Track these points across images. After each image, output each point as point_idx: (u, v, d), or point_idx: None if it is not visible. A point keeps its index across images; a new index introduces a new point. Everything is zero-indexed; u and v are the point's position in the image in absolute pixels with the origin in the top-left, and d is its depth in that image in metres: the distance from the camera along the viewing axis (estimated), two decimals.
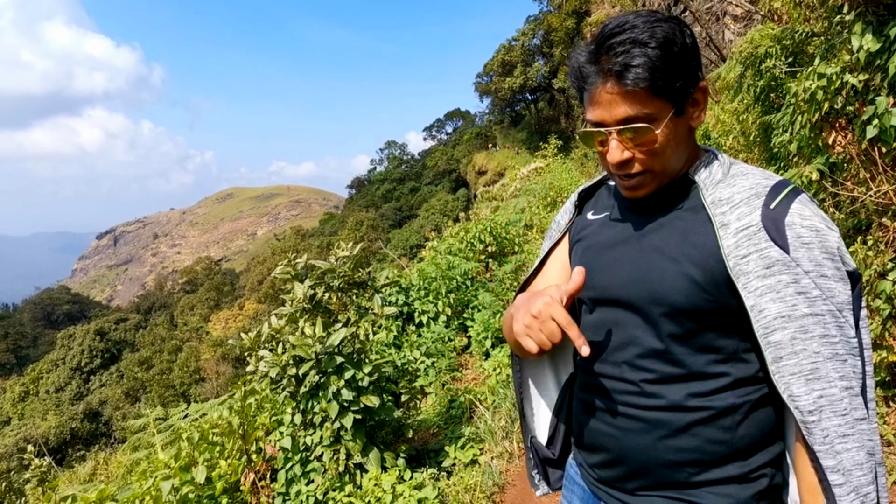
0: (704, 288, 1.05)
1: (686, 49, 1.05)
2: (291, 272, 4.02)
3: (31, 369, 47.82)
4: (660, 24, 1.04)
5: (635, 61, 1.01)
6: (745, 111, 5.35)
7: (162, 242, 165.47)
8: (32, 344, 65.67)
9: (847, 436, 0.95)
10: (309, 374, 3.42)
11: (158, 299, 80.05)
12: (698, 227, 1.09)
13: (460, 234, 9.00)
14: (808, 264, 0.98)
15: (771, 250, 0.99)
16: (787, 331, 0.97)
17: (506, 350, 5.44)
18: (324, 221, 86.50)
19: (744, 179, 1.08)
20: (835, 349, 0.96)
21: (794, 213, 1.01)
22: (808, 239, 0.99)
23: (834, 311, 0.97)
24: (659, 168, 1.10)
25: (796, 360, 0.97)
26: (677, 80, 1.04)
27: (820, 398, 0.95)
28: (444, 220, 35.96)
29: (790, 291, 0.97)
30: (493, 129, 56.81)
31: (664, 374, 1.11)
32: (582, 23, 31.11)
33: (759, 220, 1.01)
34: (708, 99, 1.13)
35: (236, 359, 34.86)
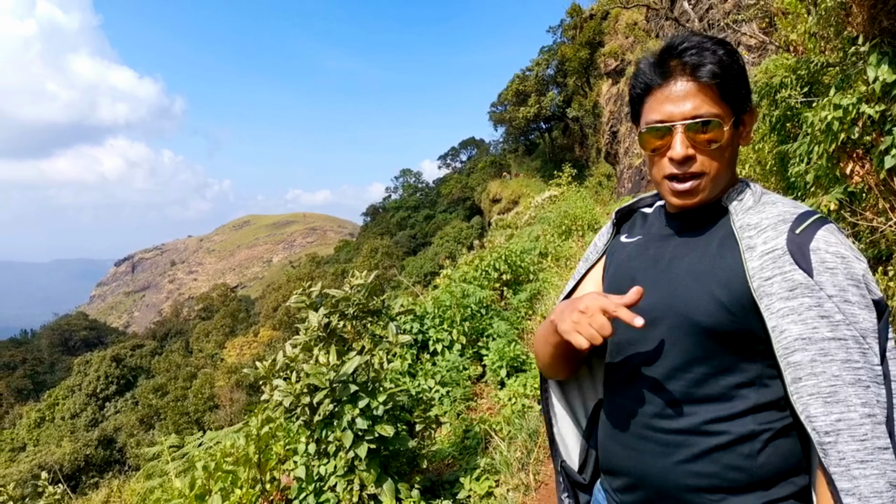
0: (729, 309, 1.07)
1: (743, 67, 1.12)
2: (306, 301, 4.04)
3: (47, 395, 48.06)
4: (720, 43, 1.12)
5: (708, 59, 1.09)
6: (761, 140, 5.34)
7: (179, 269, 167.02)
8: (50, 370, 66.09)
9: (866, 462, 0.93)
10: (323, 402, 3.41)
11: (174, 326, 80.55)
12: (726, 251, 1.11)
13: (475, 262, 9.00)
14: (831, 289, 0.99)
15: (795, 273, 1.01)
16: (807, 352, 0.98)
17: (521, 380, 5.39)
18: (339, 249, 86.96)
19: (773, 207, 1.11)
20: (857, 375, 0.96)
21: (820, 239, 1.03)
22: (833, 264, 1.00)
23: (857, 337, 0.97)
24: (715, 173, 1.13)
25: (815, 382, 0.97)
26: (741, 89, 1.12)
27: (838, 421, 0.95)
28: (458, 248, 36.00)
29: (812, 314, 0.98)
30: (507, 158, 57.18)
31: (685, 395, 1.12)
32: (595, 53, 31.41)
33: (784, 245, 1.04)
34: (753, 124, 1.18)
35: (250, 386, 34.81)
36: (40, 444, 40.34)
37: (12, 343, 75.85)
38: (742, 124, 1.15)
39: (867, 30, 3.13)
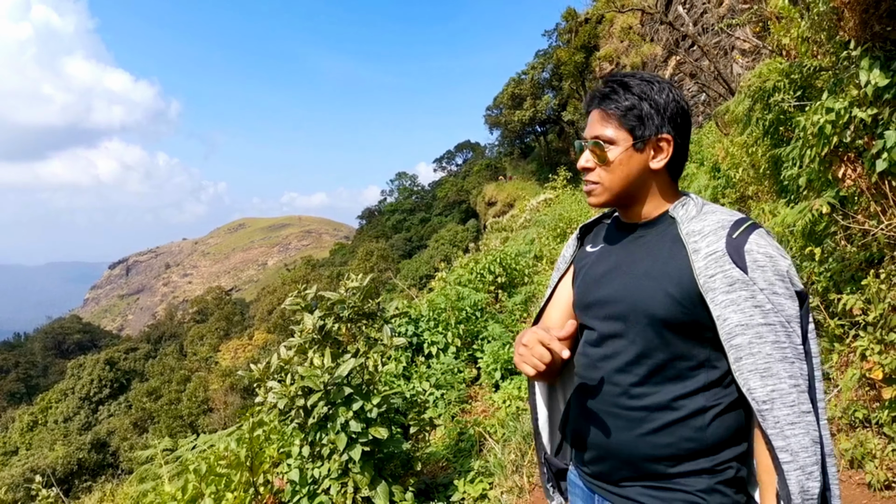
0: (681, 303, 1.27)
1: (660, 105, 1.33)
2: (301, 303, 4.03)
3: (40, 399, 47.77)
4: (646, 81, 1.36)
5: (615, 93, 1.36)
6: (755, 144, 5.36)
7: (174, 272, 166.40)
8: (43, 373, 65.71)
9: (795, 423, 1.15)
10: (317, 405, 3.40)
11: (169, 329, 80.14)
12: (676, 254, 1.31)
13: (470, 265, 9.00)
14: (762, 283, 1.20)
15: (733, 271, 1.21)
16: (745, 336, 1.19)
17: (516, 382, 5.39)
18: (334, 252, 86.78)
19: (713, 216, 1.31)
20: (784, 353, 1.18)
21: (752, 242, 1.23)
22: (763, 263, 1.21)
23: (783, 322, 1.19)
24: (608, 184, 1.38)
25: (753, 360, 1.18)
26: (643, 122, 1.34)
27: (773, 392, 1.16)
28: (453, 251, 35.97)
29: (748, 304, 1.19)
30: (502, 161, 57.21)
31: (647, 378, 1.32)
32: (591, 57, 31.50)
33: (723, 247, 1.23)
34: (670, 150, 1.36)
35: (245, 389, 34.70)
36: (33, 447, 40.09)
37: (5, 346, 75.34)
38: (654, 149, 1.36)
39: (859, 34, 3.15)
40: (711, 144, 9.41)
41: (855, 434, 3.23)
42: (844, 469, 3.15)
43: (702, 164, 9.49)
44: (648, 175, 1.38)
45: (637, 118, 1.35)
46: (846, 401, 3.32)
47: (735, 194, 7.31)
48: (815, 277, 3.86)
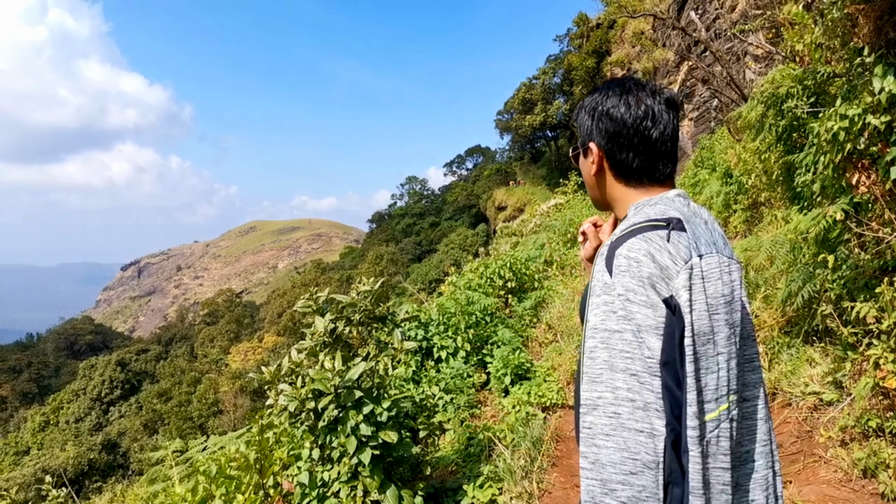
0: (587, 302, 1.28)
1: (590, 112, 1.41)
2: (313, 306, 4.05)
3: (52, 399, 48.15)
4: (598, 89, 1.43)
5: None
6: (767, 150, 5.34)
7: (185, 274, 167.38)
8: (55, 374, 66.25)
9: (609, 436, 1.10)
10: (328, 408, 3.41)
11: (179, 331, 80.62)
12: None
13: (480, 270, 9.00)
14: (620, 288, 1.16)
15: (604, 275, 1.20)
16: (593, 340, 1.17)
17: (525, 388, 5.38)
18: (344, 255, 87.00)
19: (633, 218, 1.29)
20: (627, 363, 1.12)
21: (625, 246, 1.20)
22: (625, 267, 1.17)
23: (633, 331, 1.13)
24: (587, 187, 1.52)
25: (590, 364, 1.17)
26: (580, 129, 1.45)
27: (598, 398, 1.13)
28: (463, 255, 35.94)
29: (606, 309, 1.17)
30: (513, 166, 57.16)
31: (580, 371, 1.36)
32: (602, 62, 31.45)
33: (605, 251, 1.23)
34: (596, 156, 1.41)
35: (255, 391, 34.85)
36: (44, 447, 40.39)
37: (18, 347, 76.07)
38: (589, 155, 1.44)
39: (873, 41, 3.14)
40: (724, 150, 9.37)
41: (868, 443, 3.20)
42: (857, 479, 3.12)
43: (714, 169, 9.44)
44: (600, 180, 1.44)
45: (579, 126, 1.46)
46: (859, 410, 3.29)
47: (747, 200, 7.28)
48: (828, 285, 3.84)
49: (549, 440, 4.44)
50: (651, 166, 1.36)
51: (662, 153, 1.36)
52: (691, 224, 1.23)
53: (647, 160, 1.35)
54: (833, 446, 3.34)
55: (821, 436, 3.41)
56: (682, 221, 1.22)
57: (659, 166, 1.36)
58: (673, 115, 1.36)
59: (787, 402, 3.93)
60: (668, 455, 1.10)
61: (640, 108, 1.34)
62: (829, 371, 3.75)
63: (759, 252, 5.10)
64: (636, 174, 1.37)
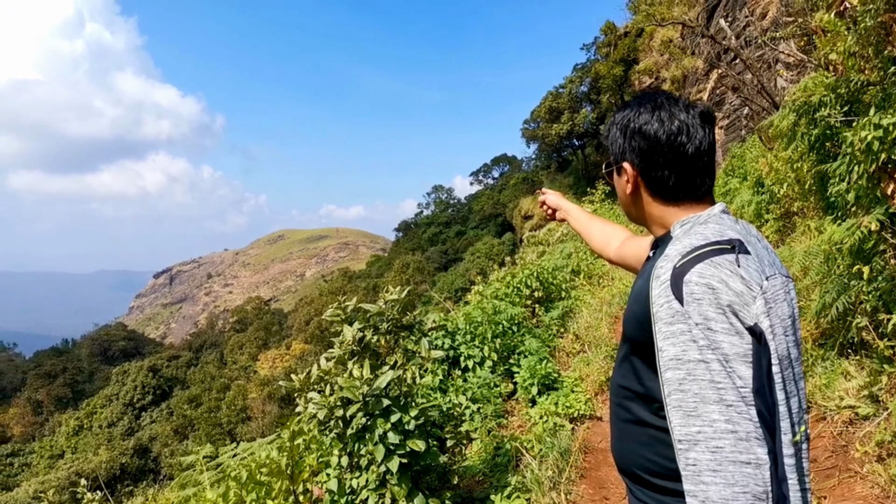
0: (642, 325, 1.26)
1: (623, 129, 1.39)
2: (341, 315, 4.11)
3: (86, 404, 49.23)
4: (630, 105, 1.41)
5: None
6: (800, 159, 5.26)
7: (215, 282, 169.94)
8: (89, 379, 67.71)
9: (716, 471, 1.07)
10: (356, 416, 3.45)
11: (210, 338, 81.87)
12: (647, 276, 1.29)
13: (506, 279, 9.00)
14: (697, 317, 1.12)
15: (673, 302, 1.16)
16: (678, 371, 1.13)
17: (552, 398, 5.36)
18: (371, 263, 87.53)
19: (687, 238, 1.25)
20: (720, 394, 1.09)
21: (694, 272, 1.16)
22: (700, 295, 1.13)
23: (721, 360, 1.10)
24: (621, 204, 1.52)
25: (681, 397, 1.12)
26: (612, 146, 1.45)
27: (698, 433, 1.09)
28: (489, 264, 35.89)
29: (684, 338, 1.13)
30: (539, 174, 57.00)
31: (621, 391, 1.39)
32: (630, 70, 31.25)
33: (669, 276, 1.19)
34: (631, 176, 1.40)
35: (282, 398, 35.16)
36: (78, 451, 41.32)
37: (54, 352, 77.93)
38: (619, 173, 1.45)
39: None
40: (755, 159, 9.24)
41: None
42: (895, 495, 3.05)
43: (745, 178, 9.32)
44: (636, 198, 1.43)
45: (611, 143, 1.45)
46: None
47: (780, 210, 7.17)
48: (863, 297, 3.76)
49: (578, 451, 4.42)
50: (689, 183, 1.33)
51: (700, 169, 1.33)
52: (751, 244, 1.22)
53: (685, 177, 1.33)
54: (869, 462, 3.27)
55: (856, 451, 3.34)
56: (743, 243, 1.20)
57: (697, 182, 1.33)
58: (708, 130, 1.33)
59: (822, 416, 3.86)
60: (774, 483, 1.08)
61: (674, 124, 1.31)
62: (865, 384, 3.67)
63: (792, 263, 5.02)
64: (674, 192, 1.35)
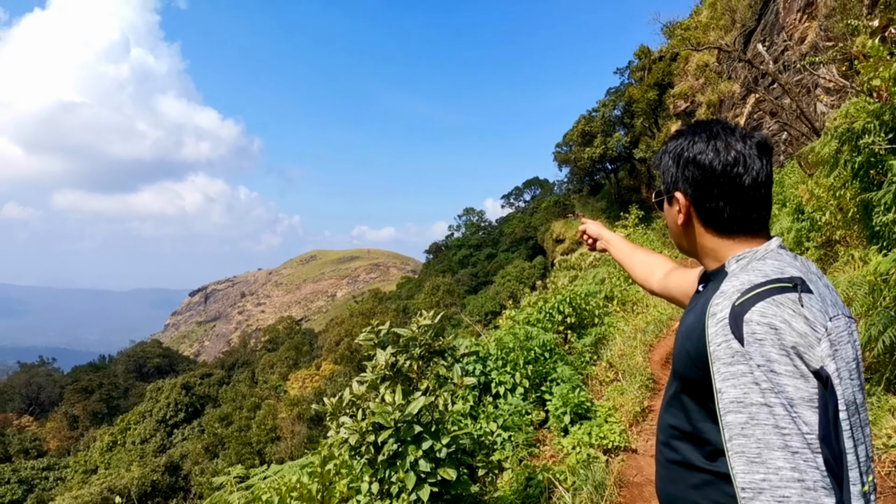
0: (695, 363, 1.23)
1: (676, 158, 1.36)
2: (374, 339, 4.11)
3: (120, 420, 50.01)
4: (684, 134, 1.38)
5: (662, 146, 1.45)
6: (843, 187, 5.14)
7: (248, 301, 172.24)
8: (123, 395, 68.83)
9: None
10: (387, 442, 3.44)
11: (242, 356, 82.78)
12: (702, 313, 1.25)
13: (539, 304, 8.92)
14: (759, 358, 1.07)
15: (732, 342, 1.11)
16: (739, 415, 1.08)
17: (585, 428, 5.26)
18: (401, 285, 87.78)
19: (744, 275, 1.20)
20: (785, 440, 1.03)
21: (756, 311, 1.11)
22: (762, 335, 1.08)
23: (785, 405, 1.05)
24: (671, 234, 1.47)
25: (743, 442, 1.06)
26: (663, 175, 1.40)
27: (762, 481, 1.03)
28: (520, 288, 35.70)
29: (746, 380, 1.08)
30: (571, 198, 56.72)
31: (670, 431, 1.35)
32: (664, 94, 31.09)
33: (727, 314, 1.14)
34: (684, 207, 1.36)
35: (311, 419, 35.23)
36: (111, 467, 41.89)
37: (91, 368, 79.57)
38: (670, 203, 1.42)
39: None
40: (794, 185, 9.05)
41: None
42: None
43: (784, 204, 9.13)
44: (688, 229, 1.39)
45: (662, 171, 1.41)
46: None
47: (821, 238, 6.99)
48: None
49: (613, 485, 4.31)
50: (745, 216, 1.29)
51: (756, 201, 1.29)
52: (812, 283, 1.17)
53: (741, 209, 1.29)
54: None
55: None
56: (805, 281, 1.16)
57: (753, 215, 1.29)
58: (766, 161, 1.29)
59: None
60: None
61: (730, 154, 1.27)
62: None
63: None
64: (729, 224, 1.31)
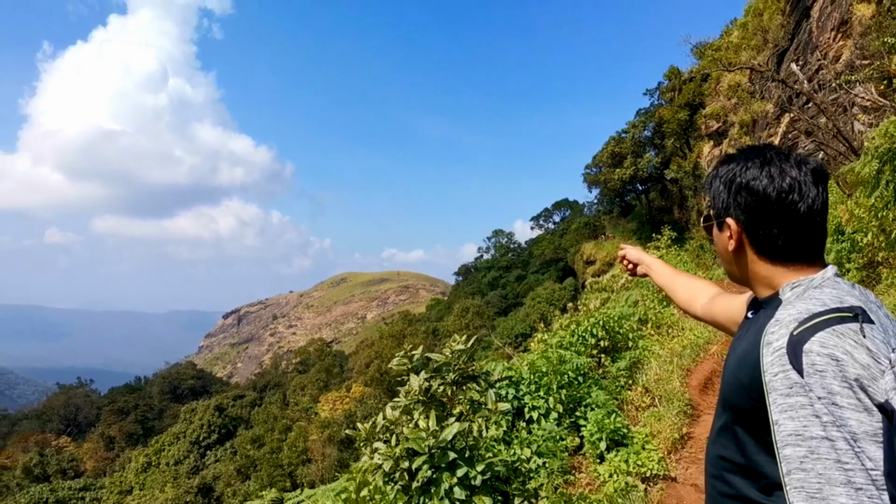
0: (749, 392, 1.20)
1: (727, 183, 1.33)
2: (408, 364, 4.12)
3: (154, 441, 50.67)
4: (735, 158, 1.35)
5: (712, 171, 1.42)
6: (885, 208, 5.02)
7: (280, 323, 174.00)
8: (158, 416, 69.81)
9: None
10: (422, 468, 3.42)
11: (273, 378, 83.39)
12: (757, 341, 1.20)
13: (571, 328, 8.83)
14: (819, 390, 1.04)
15: (790, 373, 1.08)
16: (798, 448, 1.04)
17: (622, 454, 5.16)
18: (430, 307, 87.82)
19: (801, 303, 1.17)
20: (848, 476, 0.99)
21: (815, 342, 1.08)
22: (823, 367, 1.05)
23: (848, 439, 1.00)
24: (720, 259, 1.44)
25: (803, 476, 1.02)
26: (714, 200, 1.38)
27: None
28: (550, 310, 35.42)
29: (805, 413, 1.04)
30: (601, 219, 56.32)
31: (720, 462, 1.32)
32: (695, 115, 30.84)
33: (785, 344, 1.11)
34: (735, 233, 1.33)
35: (341, 442, 35.20)
36: (146, 488, 42.38)
37: (127, 389, 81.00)
38: (721, 228, 1.38)
39: None
40: (833, 205, 8.86)
41: None
42: None
43: None
44: (739, 256, 1.36)
45: (713, 196, 1.38)
46: None
47: (862, 259, 6.82)
48: None
49: None
50: (800, 243, 1.26)
51: (812, 229, 1.25)
52: (872, 312, 1.14)
53: (795, 237, 1.26)
54: None
55: None
56: (865, 311, 1.12)
57: (808, 243, 1.27)
58: (822, 188, 1.26)
59: None
60: None
61: (785, 181, 1.24)
62: None
63: None
64: (783, 251, 1.28)
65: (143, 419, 67.19)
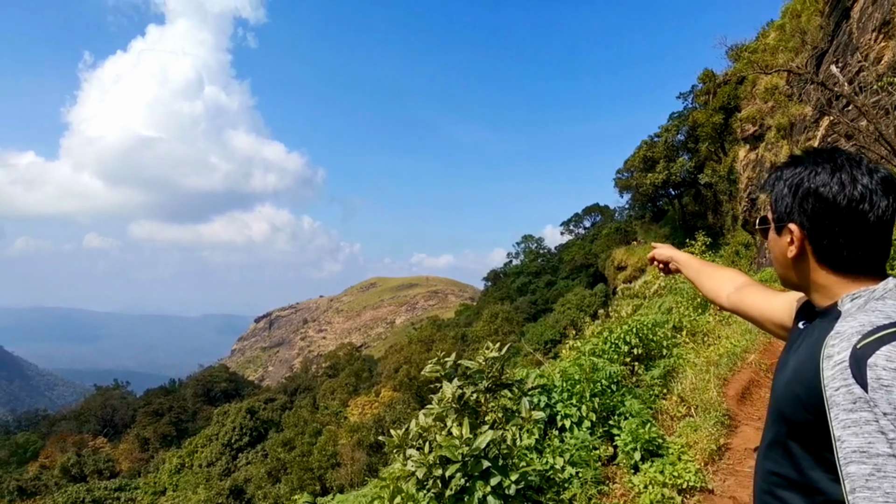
0: (806, 406, 1.16)
1: (792, 186, 1.28)
2: (441, 371, 4.10)
3: (188, 442, 51.54)
4: (801, 161, 1.30)
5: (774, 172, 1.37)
6: None
7: (310, 327, 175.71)
8: (192, 418, 71.02)
9: None
10: (455, 476, 3.40)
11: (303, 382, 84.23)
12: (815, 354, 1.17)
13: (604, 335, 8.71)
14: (885, 406, 1.00)
15: (854, 387, 1.04)
16: (863, 465, 1.00)
17: (657, 465, 5.06)
18: (459, 312, 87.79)
19: (863, 315, 1.13)
20: None
21: (881, 355, 1.04)
22: (889, 382, 1.01)
23: None
24: (774, 265, 1.39)
25: (868, 495, 0.98)
26: (776, 204, 1.32)
27: None
28: (580, 316, 35.11)
29: (870, 429, 1.01)
30: (633, 225, 55.69)
31: (772, 478, 1.28)
32: (730, 118, 30.30)
33: (847, 357, 1.07)
34: (797, 240, 1.28)
35: (370, 446, 35.34)
36: (179, 489, 43.11)
37: (162, 391, 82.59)
38: (783, 234, 1.32)
39: None
40: None
41: None
42: None
43: None
44: (799, 263, 1.30)
45: (774, 199, 1.33)
46: None
47: None
48: None
49: None
50: (865, 255, 1.22)
51: (878, 240, 1.21)
52: None
53: (861, 248, 1.21)
54: None
55: None
56: None
57: (874, 255, 1.22)
58: (892, 198, 1.20)
59: None
60: None
61: (856, 189, 1.19)
62: None
63: None
64: (846, 262, 1.23)
65: (177, 421, 68.40)
